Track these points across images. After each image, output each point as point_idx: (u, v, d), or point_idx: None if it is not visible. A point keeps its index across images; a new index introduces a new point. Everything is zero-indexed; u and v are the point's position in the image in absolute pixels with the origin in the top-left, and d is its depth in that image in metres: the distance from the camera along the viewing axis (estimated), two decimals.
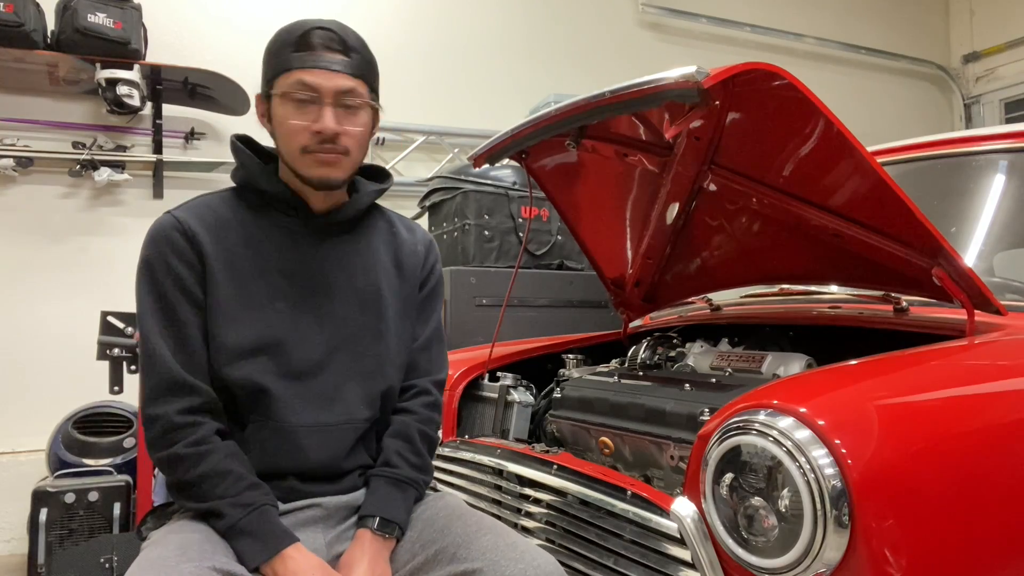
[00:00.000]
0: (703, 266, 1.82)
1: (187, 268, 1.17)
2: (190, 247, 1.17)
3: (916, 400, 1.06)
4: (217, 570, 1.01)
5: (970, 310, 1.35)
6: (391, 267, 1.32)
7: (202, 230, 1.19)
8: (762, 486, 0.98)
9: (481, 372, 1.86)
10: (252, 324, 1.18)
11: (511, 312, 2.82)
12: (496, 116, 3.95)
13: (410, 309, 1.33)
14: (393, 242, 1.34)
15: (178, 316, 1.16)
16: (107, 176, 3.21)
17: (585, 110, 1.35)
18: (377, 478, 1.23)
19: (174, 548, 1.03)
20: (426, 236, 1.40)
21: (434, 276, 1.38)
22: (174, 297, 1.16)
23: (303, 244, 1.24)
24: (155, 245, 1.18)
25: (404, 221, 1.40)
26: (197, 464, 1.11)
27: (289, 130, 1.18)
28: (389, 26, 3.91)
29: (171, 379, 1.13)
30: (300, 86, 1.16)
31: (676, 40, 4.72)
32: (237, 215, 1.23)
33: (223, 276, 1.18)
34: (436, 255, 1.39)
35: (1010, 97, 5.39)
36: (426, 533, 1.18)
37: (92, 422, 2.82)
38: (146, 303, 1.17)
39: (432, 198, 3.33)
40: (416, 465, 1.26)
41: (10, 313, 3.16)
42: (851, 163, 1.30)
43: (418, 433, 1.28)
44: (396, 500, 1.20)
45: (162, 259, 1.17)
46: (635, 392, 1.50)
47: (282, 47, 1.18)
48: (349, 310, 1.25)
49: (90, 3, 2.96)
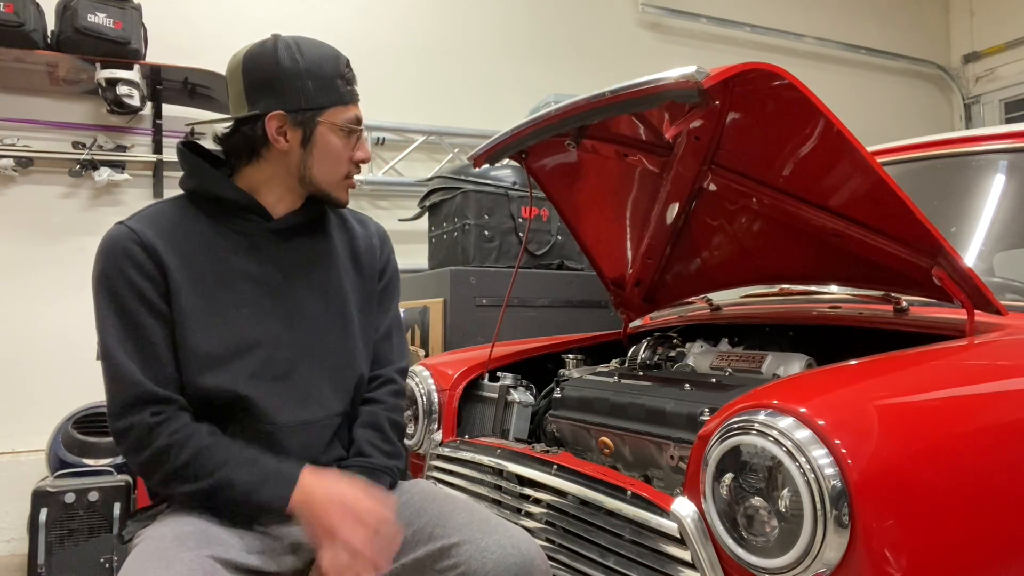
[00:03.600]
0: (703, 266, 1.82)
1: (147, 280, 1.15)
2: (149, 259, 1.15)
3: (916, 400, 1.06)
4: (216, 559, 1.03)
5: (970, 310, 1.35)
6: (348, 262, 1.35)
7: (160, 240, 1.17)
8: (762, 486, 0.98)
9: (481, 372, 1.86)
10: (220, 330, 1.18)
11: (511, 312, 2.82)
12: (496, 116, 3.95)
13: (370, 301, 1.37)
14: (348, 238, 1.37)
15: (142, 329, 1.14)
16: (107, 176, 3.21)
17: (585, 110, 1.35)
18: (353, 467, 1.25)
19: (171, 540, 1.04)
20: (379, 228, 1.44)
21: (390, 267, 1.42)
22: (136, 310, 1.14)
23: (263, 248, 1.25)
24: (111, 257, 1.15)
25: (355, 215, 1.43)
26: (184, 446, 1.11)
27: (341, 160, 1.26)
28: (389, 26, 3.91)
29: (141, 392, 1.12)
30: (356, 121, 1.26)
31: (676, 40, 4.72)
32: (194, 223, 1.22)
33: (186, 285, 1.17)
34: (390, 246, 1.44)
35: (1010, 97, 5.39)
36: (402, 517, 1.20)
37: (92, 422, 2.81)
38: (107, 318, 1.14)
39: (432, 198, 3.33)
40: (388, 452, 1.30)
41: (10, 313, 3.16)
42: (851, 163, 1.30)
43: (387, 421, 1.32)
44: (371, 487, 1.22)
45: (119, 272, 1.14)
46: (635, 392, 1.50)
47: (332, 78, 1.22)
48: (314, 308, 1.27)
49: (90, 3, 2.96)
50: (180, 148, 1.27)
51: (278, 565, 1.16)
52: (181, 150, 1.26)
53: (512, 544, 1.10)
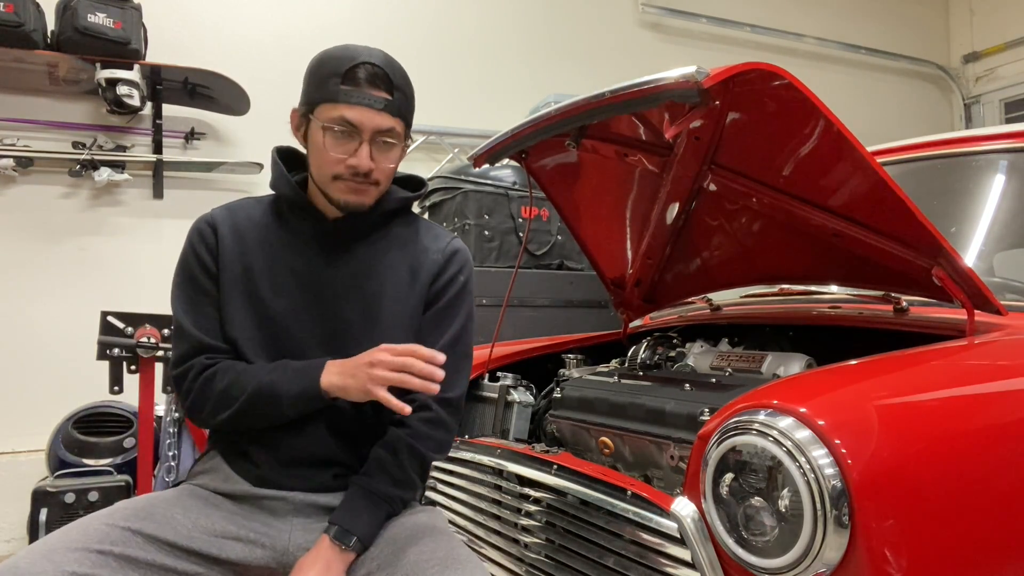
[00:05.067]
0: (703, 266, 1.82)
1: (209, 254, 1.27)
2: (214, 237, 1.28)
3: (916, 400, 1.06)
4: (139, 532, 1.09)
5: (970, 310, 1.35)
6: (405, 274, 1.30)
7: (225, 227, 1.28)
8: (762, 486, 0.98)
9: (481, 372, 1.86)
10: (251, 316, 1.25)
11: (511, 312, 2.82)
12: (496, 116, 3.95)
13: (416, 317, 1.30)
14: (413, 250, 1.32)
15: (202, 296, 1.26)
16: (107, 176, 3.21)
17: (585, 110, 1.35)
18: (354, 487, 1.21)
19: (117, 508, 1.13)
20: (454, 247, 1.35)
21: (454, 286, 1.33)
22: (200, 279, 1.27)
23: (313, 247, 1.29)
24: (189, 235, 1.30)
25: (432, 230, 1.37)
26: (225, 374, 1.22)
27: (325, 159, 1.22)
28: (389, 26, 3.91)
29: (198, 344, 1.25)
30: (342, 121, 1.19)
31: (676, 40, 4.72)
32: (263, 218, 1.31)
33: (231, 269, 1.26)
34: (460, 265, 1.34)
35: (1010, 97, 5.39)
36: (384, 552, 1.15)
37: (92, 422, 2.82)
38: (176, 288, 1.29)
39: (432, 198, 3.33)
40: (396, 480, 1.22)
41: (10, 313, 3.16)
42: (851, 163, 1.30)
43: (406, 448, 1.23)
44: (363, 513, 1.18)
45: (191, 248, 1.29)
46: (635, 392, 1.50)
47: (329, 76, 1.20)
48: (349, 312, 1.27)
49: (90, 3, 2.96)
50: (272, 152, 1.34)
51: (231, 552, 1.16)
52: (272, 153, 1.34)
53: None
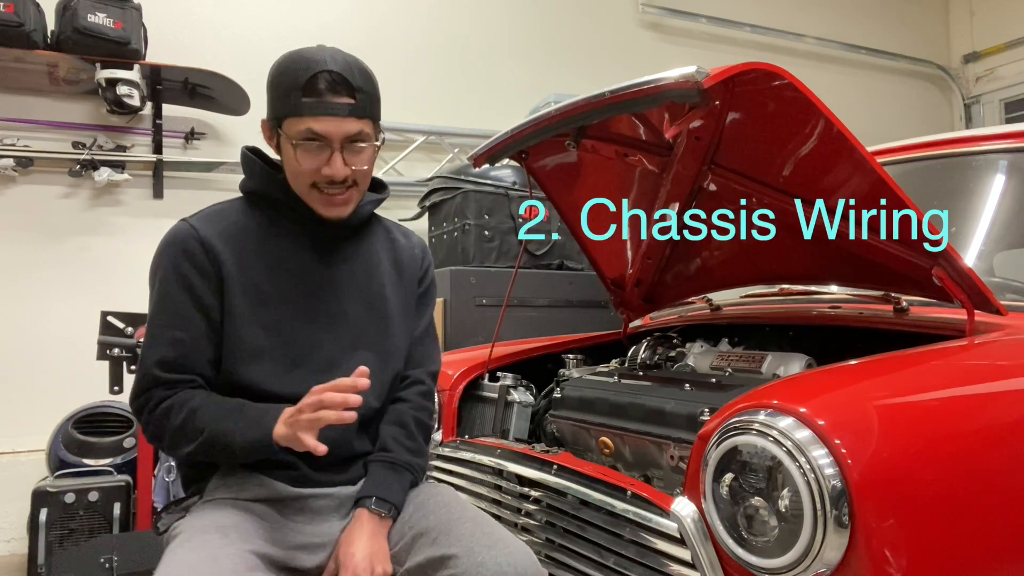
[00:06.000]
0: (703, 266, 1.82)
1: (200, 276, 1.22)
2: (206, 255, 1.23)
3: (916, 400, 1.06)
4: (255, 553, 1.09)
5: (970, 310, 1.35)
6: (391, 269, 1.40)
7: (217, 239, 1.24)
8: (762, 486, 0.98)
9: (481, 372, 1.86)
10: (265, 324, 1.25)
11: (511, 312, 2.82)
12: (496, 116, 3.95)
13: (409, 306, 1.42)
14: (391, 246, 1.42)
15: (181, 321, 1.22)
16: (107, 176, 3.20)
17: (585, 110, 1.35)
18: (375, 463, 1.29)
19: (214, 532, 1.09)
20: (420, 241, 1.50)
21: (428, 276, 1.48)
22: (182, 302, 1.22)
23: (311, 249, 1.31)
24: (171, 251, 1.23)
25: (399, 228, 1.49)
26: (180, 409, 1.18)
27: (299, 171, 1.24)
28: (388, 26, 3.91)
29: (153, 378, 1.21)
30: (310, 134, 1.21)
31: (676, 40, 4.72)
32: (251, 222, 1.29)
33: (238, 281, 1.24)
34: (430, 258, 1.50)
35: (1010, 97, 5.38)
36: (415, 517, 1.23)
37: (92, 422, 2.82)
38: (153, 308, 1.24)
39: (432, 198, 3.33)
40: (412, 449, 1.33)
41: (10, 313, 3.16)
42: (851, 163, 1.30)
43: (413, 420, 1.35)
44: (393, 482, 1.27)
45: (174, 267, 1.22)
46: (635, 392, 1.50)
47: (290, 90, 1.20)
48: (356, 309, 1.32)
49: (90, 3, 2.96)
50: (244, 153, 1.33)
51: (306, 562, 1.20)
52: (245, 154, 1.33)
53: (509, 563, 1.10)
